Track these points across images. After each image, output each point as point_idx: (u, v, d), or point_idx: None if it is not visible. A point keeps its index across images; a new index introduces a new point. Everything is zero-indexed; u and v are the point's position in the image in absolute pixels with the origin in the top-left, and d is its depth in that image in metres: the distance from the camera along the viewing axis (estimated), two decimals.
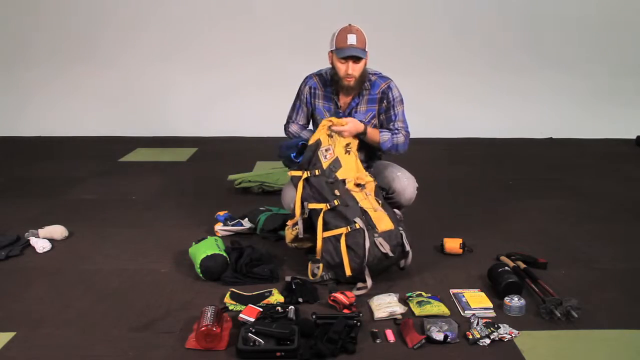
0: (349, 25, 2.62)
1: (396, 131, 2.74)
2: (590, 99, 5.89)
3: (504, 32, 5.78)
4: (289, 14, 5.71)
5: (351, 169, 2.58)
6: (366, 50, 2.59)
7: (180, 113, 5.87)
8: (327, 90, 2.76)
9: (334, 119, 2.63)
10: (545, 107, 5.89)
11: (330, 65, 2.71)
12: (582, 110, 5.87)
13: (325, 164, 2.57)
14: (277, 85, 5.17)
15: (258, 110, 5.65)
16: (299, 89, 2.85)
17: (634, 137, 5.62)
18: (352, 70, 2.59)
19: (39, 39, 5.76)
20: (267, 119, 5.45)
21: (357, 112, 2.74)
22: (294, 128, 2.89)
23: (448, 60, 5.80)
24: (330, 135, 2.61)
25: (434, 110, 5.61)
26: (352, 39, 2.56)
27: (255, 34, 5.73)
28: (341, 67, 2.60)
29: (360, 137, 2.66)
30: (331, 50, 2.64)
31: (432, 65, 5.77)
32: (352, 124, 2.62)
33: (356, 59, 2.58)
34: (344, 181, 2.54)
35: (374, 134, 2.69)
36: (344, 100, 2.74)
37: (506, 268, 2.49)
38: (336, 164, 2.57)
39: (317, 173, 2.56)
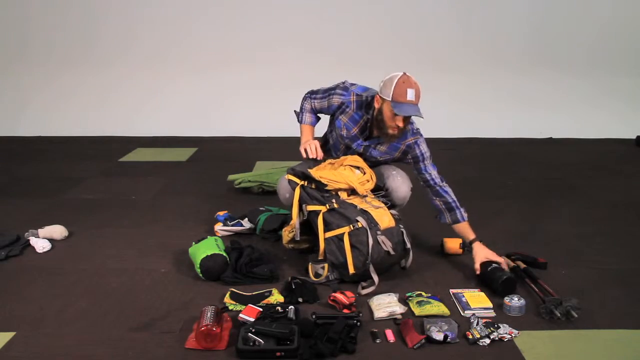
0: (406, 75, 2.52)
1: (441, 190, 2.73)
2: (590, 99, 5.89)
3: (505, 32, 5.79)
4: (289, 13, 5.71)
5: (342, 181, 2.56)
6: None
7: (180, 113, 5.87)
8: (357, 114, 2.71)
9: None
10: (545, 107, 5.89)
11: (372, 91, 2.69)
12: (582, 110, 5.87)
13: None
14: (277, 85, 5.19)
15: (258, 110, 5.65)
16: (334, 91, 2.76)
17: (634, 137, 5.62)
18: (403, 124, 2.56)
19: (39, 39, 5.77)
20: (267, 119, 5.48)
21: (375, 149, 2.74)
22: (307, 106, 2.86)
23: (448, 60, 5.81)
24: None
25: (434, 110, 5.54)
26: (411, 95, 2.47)
27: (255, 34, 5.73)
28: (392, 119, 2.54)
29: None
30: (384, 98, 2.54)
31: (432, 65, 5.76)
32: (483, 259, 2.57)
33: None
34: (337, 194, 2.55)
35: (469, 227, 2.70)
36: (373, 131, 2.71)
37: (494, 265, 2.49)
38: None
39: (313, 187, 2.57)
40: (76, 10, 5.72)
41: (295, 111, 2.95)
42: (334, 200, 2.51)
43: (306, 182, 2.59)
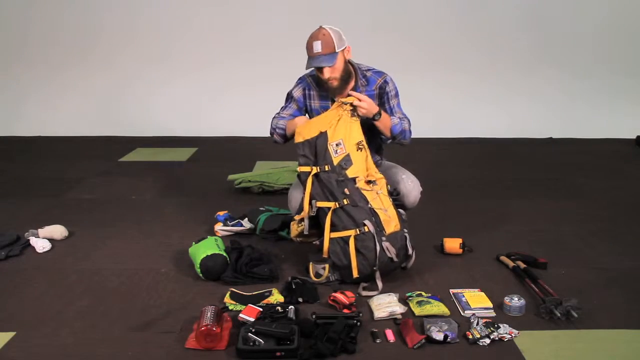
0: (318, 28, 2.55)
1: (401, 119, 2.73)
2: (590, 98, 5.89)
3: (505, 32, 5.79)
4: (290, 12, 5.70)
5: (362, 167, 2.51)
6: (336, 51, 2.50)
7: (180, 113, 5.86)
8: (322, 89, 2.71)
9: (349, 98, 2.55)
10: (545, 107, 5.89)
11: None
12: (582, 110, 5.86)
13: (335, 160, 2.49)
14: (277, 85, 5.14)
15: (258, 109, 5.59)
16: (291, 90, 2.80)
17: (634, 137, 5.62)
18: (329, 74, 2.55)
19: (38, 39, 5.76)
20: (268, 119, 5.46)
21: None
22: (276, 121, 2.78)
23: (448, 60, 5.80)
24: (345, 104, 2.52)
25: (434, 110, 5.61)
26: (317, 47, 2.49)
27: (255, 33, 5.73)
28: (319, 73, 2.59)
29: (375, 119, 2.58)
30: None
31: (431, 65, 5.77)
32: (369, 102, 2.54)
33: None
34: (354, 179, 2.48)
35: (386, 117, 2.63)
36: (340, 97, 2.68)
37: None
38: (347, 161, 2.49)
39: (326, 168, 2.50)
40: (75, 9, 5.72)
41: (274, 140, 2.81)
42: (347, 190, 2.44)
43: (318, 168, 2.51)
